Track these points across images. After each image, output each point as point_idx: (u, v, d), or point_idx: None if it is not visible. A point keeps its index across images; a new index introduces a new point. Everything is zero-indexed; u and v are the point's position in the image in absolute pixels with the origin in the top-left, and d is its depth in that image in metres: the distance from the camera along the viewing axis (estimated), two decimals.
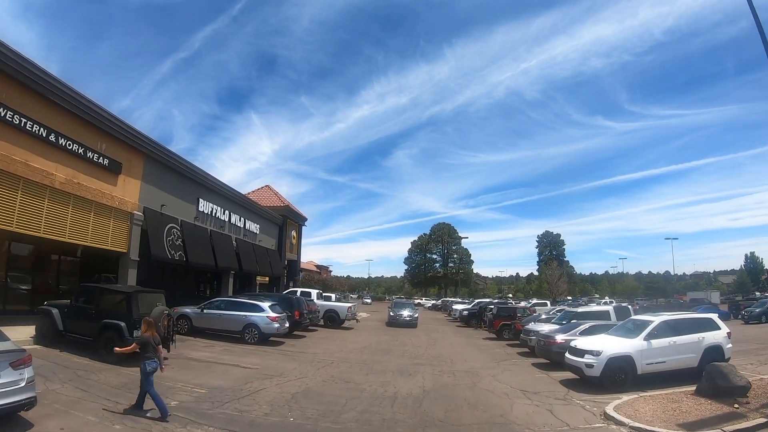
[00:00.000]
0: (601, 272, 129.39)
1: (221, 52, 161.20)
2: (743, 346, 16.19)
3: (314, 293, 27.40)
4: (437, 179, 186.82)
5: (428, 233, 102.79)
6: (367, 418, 7.81)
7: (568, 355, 11.42)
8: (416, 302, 58.80)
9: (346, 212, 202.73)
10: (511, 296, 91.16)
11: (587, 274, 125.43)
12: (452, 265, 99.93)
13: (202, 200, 23.89)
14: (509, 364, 14.79)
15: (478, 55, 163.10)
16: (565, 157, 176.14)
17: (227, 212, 26.85)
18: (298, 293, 25.56)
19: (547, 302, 44.95)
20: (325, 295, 29.48)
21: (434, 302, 71.22)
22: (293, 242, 40.55)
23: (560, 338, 13.47)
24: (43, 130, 13.83)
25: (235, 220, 27.98)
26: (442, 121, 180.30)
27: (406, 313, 29.53)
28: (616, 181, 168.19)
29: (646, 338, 10.77)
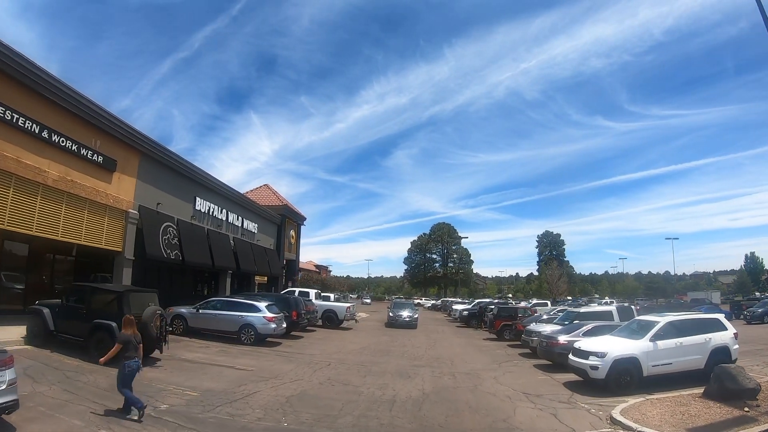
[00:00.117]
0: (600, 272, 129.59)
1: (221, 52, 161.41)
2: (747, 346, 15.91)
3: (312, 293, 27.12)
4: (437, 179, 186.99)
5: (428, 233, 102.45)
6: (364, 423, 7.54)
7: (571, 356, 11.14)
8: (416, 302, 58.48)
9: (345, 212, 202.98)
10: (510, 296, 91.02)
11: (587, 274, 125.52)
12: (452, 265, 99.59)
13: (199, 199, 23.61)
14: (511, 365, 14.52)
15: (477, 55, 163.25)
16: (564, 157, 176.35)
17: (225, 211, 26.58)
18: (296, 293, 25.31)
19: (547, 302, 44.65)
20: (323, 295, 29.17)
21: (434, 302, 70.92)
22: (292, 242, 40.27)
23: (563, 339, 13.19)
24: (35, 126, 13.61)
25: (232, 219, 27.70)
26: (441, 121, 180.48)
27: (405, 313, 29.01)
28: (615, 181, 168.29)
29: (652, 339, 10.51)
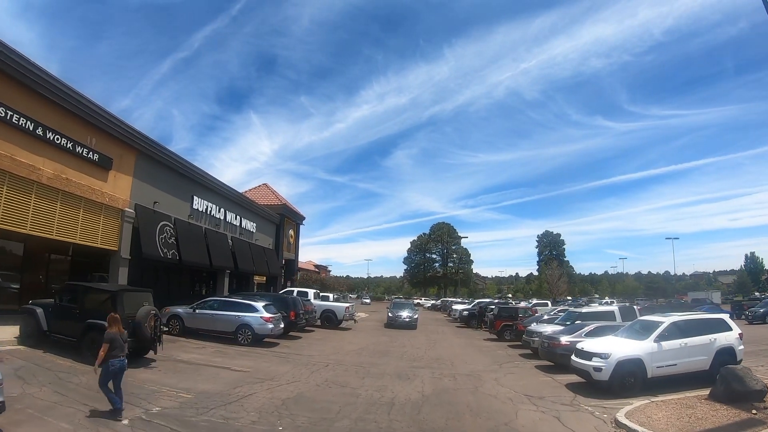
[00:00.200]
0: (600, 272, 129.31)
1: (221, 52, 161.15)
2: (751, 347, 15.69)
3: (311, 293, 26.91)
4: (437, 179, 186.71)
5: (428, 233, 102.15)
6: (361, 427, 7.31)
7: (574, 357, 10.91)
8: (415, 302, 58.25)
9: (345, 212, 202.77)
10: (510, 296, 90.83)
11: (587, 274, 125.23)
12: (452, 265, 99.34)
13: (196, 198, 23.37)
14: (512, 366, 14.29)
15: (477, 55, 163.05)
16: (564, 157, 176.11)
17: (223, 210, 26.35)
18: (294, 293, 25.10)
19: (548, 302, 44.39)
20: (322, 294, 28.96)
21: (434, 302, 70.66)
22: (291, 241, 40.04)
23: (565, 340, 12.96)
24: (30, 123, 13.42)
25: (230, 218, 27.46)
26: (441, 121, 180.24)
27: (405, 314, 28.51)
28: (615, 181, 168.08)
29: (656, 340, 10.29)
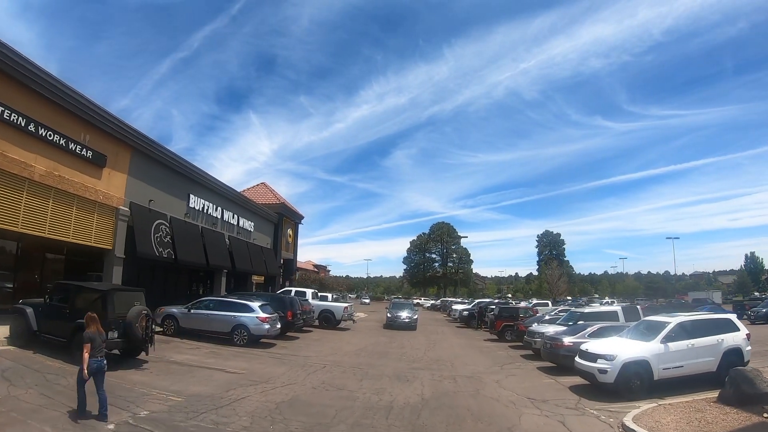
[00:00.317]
0: (600, 272, 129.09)
1: (220, 52, 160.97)
2: (755, 347, 15.21)
3: (309, 293, 26.56)
4: (436, 179, 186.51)
5: (427, 233, 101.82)
6: None
7: (578, 359, 10.61)
8: (415, 302, 57.95)
9: (345, 212, 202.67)
10: (510, 296, 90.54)
11: (586, 274, 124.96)
12: (451, 264, 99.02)
13: (193, 196, 23.04)
14: (513, 367, 13.99)
15: (477, 55, 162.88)
16: (564, 157, 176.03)
17: (220, 209, 26.02)
18: (292, 293, 24.78)
19: (548, 302, 44.11)
20: (321, 294, 28.59)
21: (433, 302, 70.36)
22: (289, 241, 39.71)
23: (568, 341, 12.66)
24: (21, 119, 13.10)
25: (228, 217, 27.13)
26: (441, 121, 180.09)
27: (404, 314, 27.90)
28: (615, 181, 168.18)
29: (663, 341, 10.01)
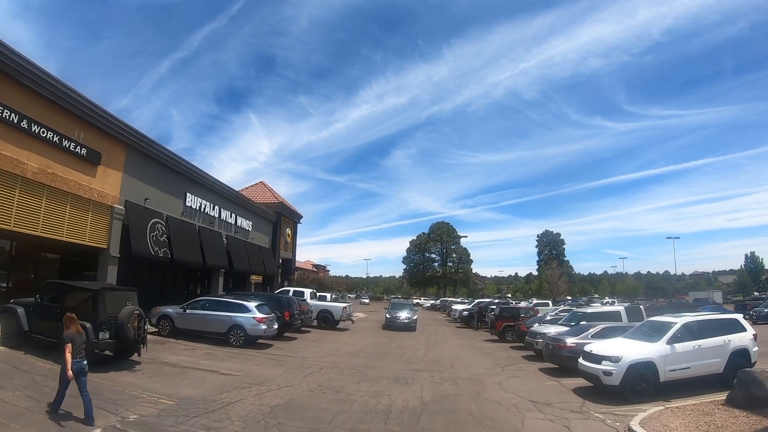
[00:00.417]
0: (599, 272, 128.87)
1: (220, 52, 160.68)
2: (760, 348, 15.08)
3: (307, 293, 26.22)
4: (436, 179, 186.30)
5: (427, 232, 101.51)
6: None
7: (582, 361, 10.34)
8: (415, 302, 57.65)
9: (344, 212, 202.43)
10: (510, 296, 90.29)
11: (586, 274, 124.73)
12: (451, 264, 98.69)
13: (189, 195, 22.75)
14: (515, 369, 13.72)
15: (476, 55, 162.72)
16: (563, 157, 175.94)
17: (217, 208, 25.73)
18: (290, 292, 24.50)
19: (549, 302, 43.83)
20: (320, 294, 28.26)
21: (433, 302, 70.08)
22: (288, 240, 39.42)
23: (571, 341, 12.39)
24: (14, 115, 12.81)
25: (225, 216, 26.85)
26: (440, 121, 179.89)
27: (403, 315, 27.30)
28: (614, 181, 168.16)
29: (669, 342, 9.75)
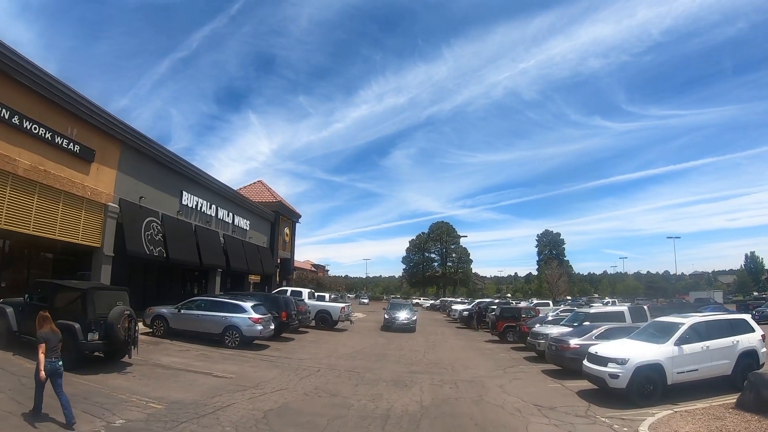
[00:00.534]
0: (599, 272, 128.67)
1: (219, 52, 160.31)
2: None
3: (305, 292, 25.86)
4: (435, 179, 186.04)
5: (427, 232, 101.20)
6: None
7: (587, 363, 10.02)
8: (414, 302, 57.33)
9: (344, 212, 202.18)
10: (510, 296, 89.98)
11: (585, 274, 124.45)
12: (451, 264, 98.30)
13: (186, 193, 22.42)
14: (517, 371, 13.41)
15: (476, 55, 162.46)
16: (563, 157, 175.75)
17: (214, 207, 25.41)
18: (288, 292, 24.17)
19: (549, 302, 43.50)
20: (318, 294, 27.93)
21: (433, 302, 69.74)
22: (286, 240, 39.08)
23: (574, 342, 12.07)
24: (5, 111, 12.54)
25: (222, 215, 26.51)
26: (440, 121, 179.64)
27: (403, 315, 26.72)
28: (614, 181, 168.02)
29: (677, 343, 9.44)
